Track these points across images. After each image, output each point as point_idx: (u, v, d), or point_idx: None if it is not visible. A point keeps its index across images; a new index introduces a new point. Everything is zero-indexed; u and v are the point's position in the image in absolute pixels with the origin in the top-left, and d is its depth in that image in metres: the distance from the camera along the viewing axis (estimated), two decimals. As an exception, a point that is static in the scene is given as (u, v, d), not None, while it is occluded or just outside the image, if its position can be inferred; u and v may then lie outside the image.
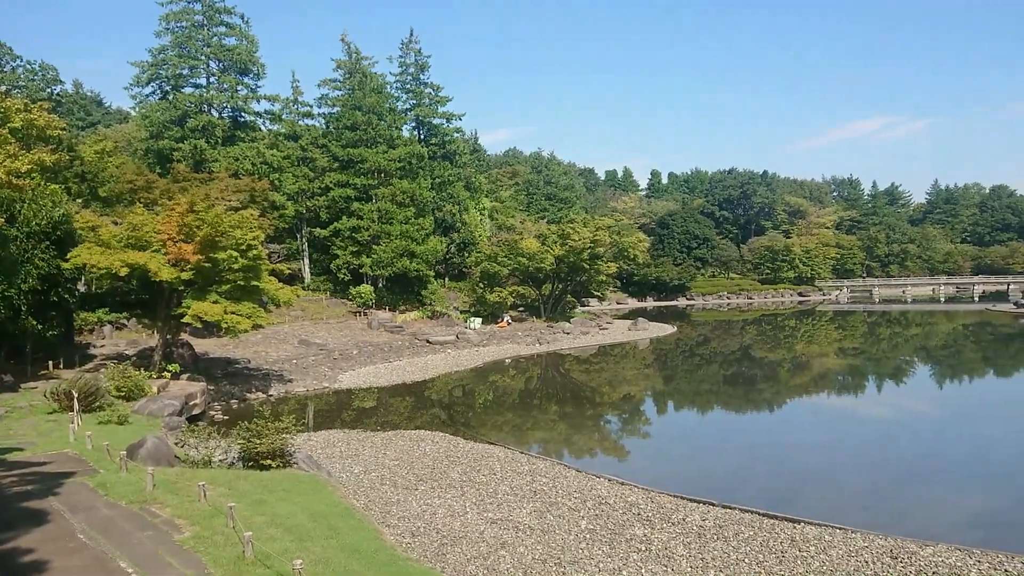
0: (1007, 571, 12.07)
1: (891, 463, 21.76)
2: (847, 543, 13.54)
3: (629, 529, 14.58)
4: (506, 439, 25.24)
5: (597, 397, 35.63)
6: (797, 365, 46.28)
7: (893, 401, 33.62)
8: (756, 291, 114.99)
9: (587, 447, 25.49)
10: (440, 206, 67.79)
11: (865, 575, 12.08)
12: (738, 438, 26.46)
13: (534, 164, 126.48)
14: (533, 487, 17.88)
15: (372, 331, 52.22)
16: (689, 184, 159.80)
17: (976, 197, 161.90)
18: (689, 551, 13.26)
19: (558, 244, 63.35)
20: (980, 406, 32.38)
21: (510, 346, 51.85)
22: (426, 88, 70.74)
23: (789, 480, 19.82)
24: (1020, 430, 26.50)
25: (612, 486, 18.09)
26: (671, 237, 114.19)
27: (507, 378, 41.36)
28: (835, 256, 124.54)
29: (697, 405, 33.86)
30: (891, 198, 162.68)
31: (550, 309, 67.44)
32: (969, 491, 18.39)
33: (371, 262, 57.14)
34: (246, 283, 30.29)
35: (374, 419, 29.09)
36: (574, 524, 14.97)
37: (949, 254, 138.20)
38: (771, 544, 13.53)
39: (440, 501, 16.78)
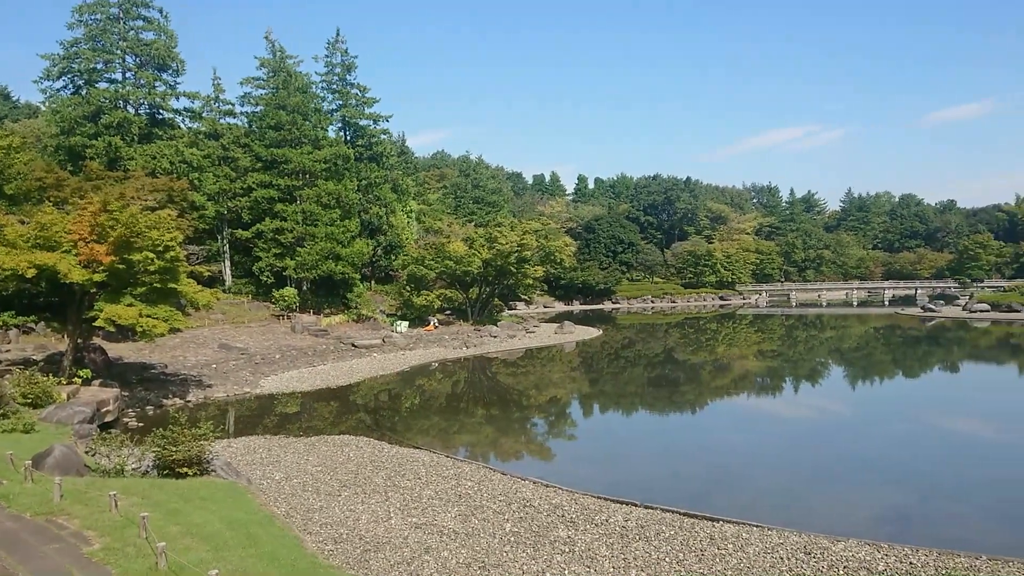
0: (912, 563, 12.57)
1: (806, 461, 22.48)
2: (763, 540, 13.90)
3: (553, 531, 14.64)
4: (432, 443, 25.08)
5: (524, 400, 35.75)
6: (718, 367, 47.40)
7: (808, 402, 34.75)
8: (679, 295, 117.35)
9: (513, 450, 25.54)
10: (366, 208, 67.05)
11: (780, 571, 12.40)
12: (661, 439, 26.92)
13: (462, 167, 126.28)
14: (458, 491, 17.81)
15: (296, 335, 51.24)
16: (615, 189, 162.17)
17: (887, 205, 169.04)
18: (612, 552, 13.40)
19: (485, 247, 63.40)
20: (889, 405, 33.74)
21: (437, 349, 51.61)
22: (353, 89, 69.91)
23: (709, 479, 20.26)
24: (925, 428, 27.70)
25: (537, 488, 18.15)
26: (597, 241, 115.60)
27: (434, 382, 41.14)
28: (755, 261, 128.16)
29: (622, 407, 34.31)
30: (808, 205, 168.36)
31: (477, 312, 67.42)
32: (878, 488, 19.13)
33: (295, 264, 56.07)
34: (163, 285, 29.28)
35: (297, 424, 28.53)
36: (499, 527, 14.96)
37: (862, 260, 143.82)
38: (691, 543, 13.78)
39: (364, 507, 16.55)
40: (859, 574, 12.19)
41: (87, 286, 28.26)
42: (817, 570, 12.39)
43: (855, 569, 12.37)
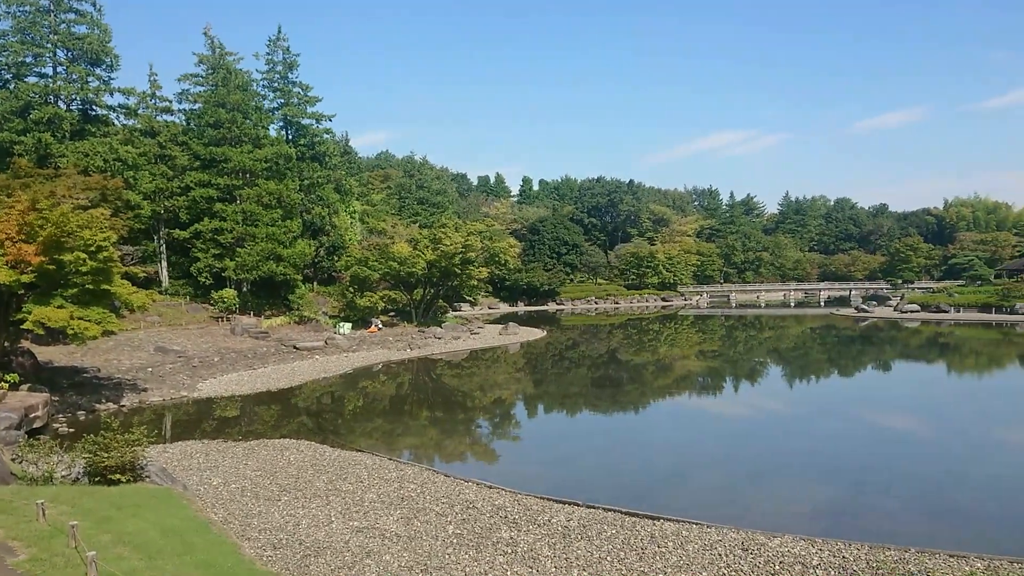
0: (845, 557, 12.91)
1: (744, 459, 22.92)
2: (703, 537, 14.13)
3: (496, 532, 14.64)
4: (375, 446, 24.86)
5: (468, 401, 35.70)
6: (660, 367, 48.05)
7: (747, 400, 35.45)
8: (622, 296, 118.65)
9: (457, 451, 25.48)
10: (309, 208, 66.15)
11: (719, 567, 12.62)
12: (604, 439, 27.14)
13: (406, 168, 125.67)
14: (401, 493, 17.68)
15: (235, 337, 50.25)
16: (559, 191, 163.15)
17: (822, 209, 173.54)
18: (554, 552, 13.46)
19: (430, 249, 63.14)
20: (824, 403, 34.65)
21: (381, 351, 51.19)
22: (294, 87, 68.93)
23: (651, 478, 20.51)
24: (857, 424, 28.49)
25: (480, 490, 18.14)
26: (542, 243, 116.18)
27: (377, 384, 40.80)
28: (696, 263, 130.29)
29: (566, 407, 34.50)
30: (747, 208, 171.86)
31: (422, 314, 67.09)
32: (812, 483, 19.61)
33: (235, 265, 54.98)
34: (95, 287, 28.40)
35: (236, 428, 27.97)
36: (441, 529, 14.89)
37: (799, 261, 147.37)
38: (632, 541, 13.93)
39: (304, 511, 16.31)
40: (794, 569, 12.46)
41: (14, 287, 27.26)
42: (754, 566, 12.64)
43: (791, 564, 12.65)
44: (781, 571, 12.39)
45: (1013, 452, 23.52)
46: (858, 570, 12.27)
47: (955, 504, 17.60)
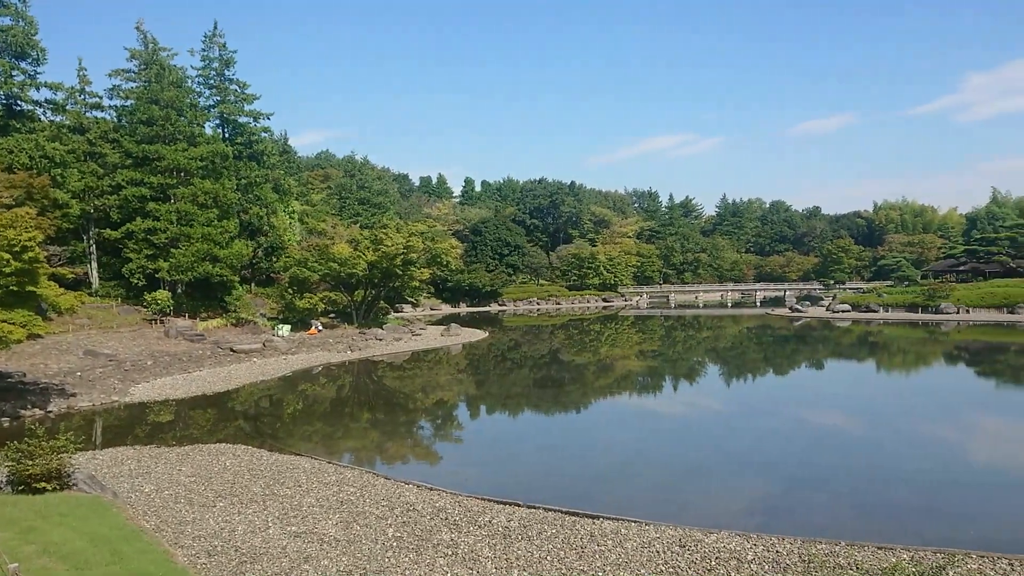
0: (778, 552, 13.21)
1: (682, 457, 23.29)
2: (641, 535, 14.30)
3: (437, 534, 14.58)
4: (315, 449, 24.51)
5: (410, 403, 35.47)
6: (601, 367, 48.50)
7: (686, 399, 36.02)
8: (564, 297, 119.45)
9: (399, 454, 25.28)
10: (246, 208, 64.90)
11: (657, 564, 12.78)
12: (546, 438, 27.27)
13: (347, 168, 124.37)
14: (340, 497, 17.46)
15: (170, 340, 48.99)
16: (501, 192, 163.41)
17: (758, 211, 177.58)
18: (495, 552, 13.46)
19: (371, 249, 62.56)
20: (759, 401, 35.43)
21: (321, 353, 50.51)
22: (231, 84, 67.59)
23: (591, 477, 20.66)
24: (791, 421, 29.20)
25: (421, 492, 18.03)
26: (484, 244, 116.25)
27: (317, 386, 40.25)
28: (636, 264, 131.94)
29: (508, 408, 34.56)
30: (686, 210, 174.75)
31: (363, 315, 66.44)
32: (748, 480, 20.02)
33: (169, 266, 53.60)
34: (20, 288, 27.37)
35: (170, 434, 27.25)
36: (381, 533, 14.76)
37: (735, 263, 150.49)
38: (572, 540, 14.02)
39: (240, 517, 15.97)
40: (730, 564, 12.70)
41: (-68, 289, 26.11)
42: (691, 561, 12.84)
43: (726, 559, 12.89)
44: (717, 567, 12.61)
45: (936, 447, 24.41)
46: (791, 564, 12.57)
47: (883, 498, 18.17)
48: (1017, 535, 14.97)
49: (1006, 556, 12.82)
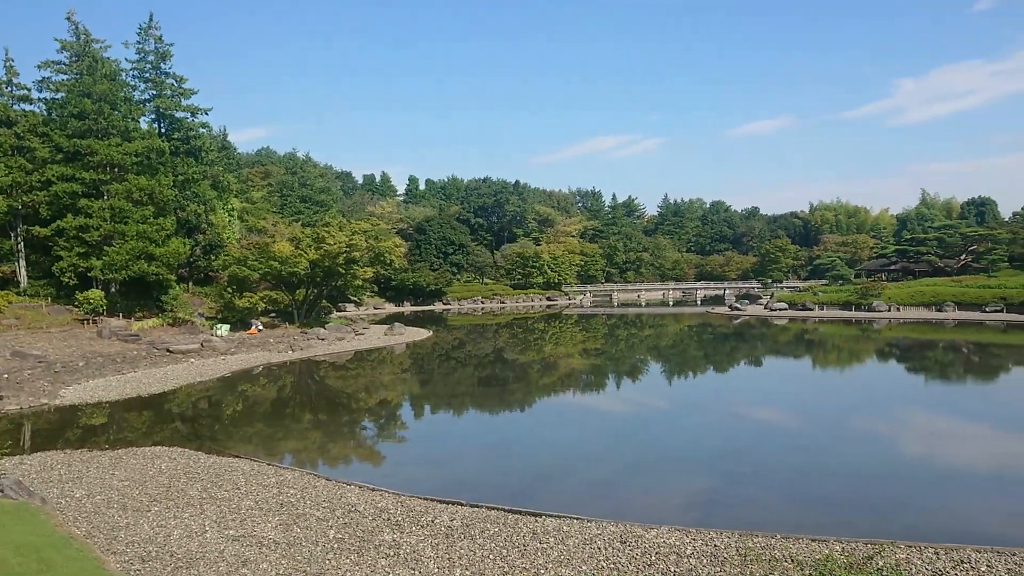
0: (716, 546, 13.46)
1: (624, 453, 23.54)
2: (583, 531, 14.41)
3: (379, 535, 14.46)
4: (254, 451, 24.08)
5: (353, 403, 35.11)
6: (545, 366, 48.74)
7: (628, 396, 36.46)
8: (509, 296, 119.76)
9: (341, 454, 25.00)
10: (183, 206, 63.37)
11: (598, 560, 12.90)
12: (490, 437, 27.29)
13: (288, 165, 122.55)
14: (280, 499, 17.19)
15: (103, 340, 47.59)
16: (446, 191, 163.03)
17: (699, 211, 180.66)
18: (437, 552, 13.41)
19: (313, 248, 61.75)
20: (700, 398, 36.02)
21: (261, 353, 49.65)
22: (168, 78, 65.87)
23: (535, 475, 20.76)
24: (731, 418, 29.77)
25: (363, 492, 17.87)
26: (428, 243, 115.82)
27: (257, 387, 39.55)
28: (580, 263, 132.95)
29: (452, 407, 34.47)
30: (628, 210, 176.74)
31: (304, 315, 65.54)
32: (687, 475, 20.37)
33: (102, 265, 52.03)
34: (-58, 287, 26.28)
35: (104, 437, 26.46)
36: (322, 534, 14.58)
37: (677, 262, 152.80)
38: (515, 539, 14.05)
39: (176, 521, 15.60)
40: (669, 559, 12.89)
41: None
42: (632, 557, 13.00)
43: (666, 554, 13.08)
44: (657, 561, 12.78)
45: (868, 441, 25.15)
46: (728, 557, 12.82)
47: (818, 491, 18.66)
48: (943, 525, 15.54)
49: (932, 545, 13.28)
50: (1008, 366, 45.15)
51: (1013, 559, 12.55)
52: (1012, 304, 73.76)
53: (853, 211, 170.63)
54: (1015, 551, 12.97)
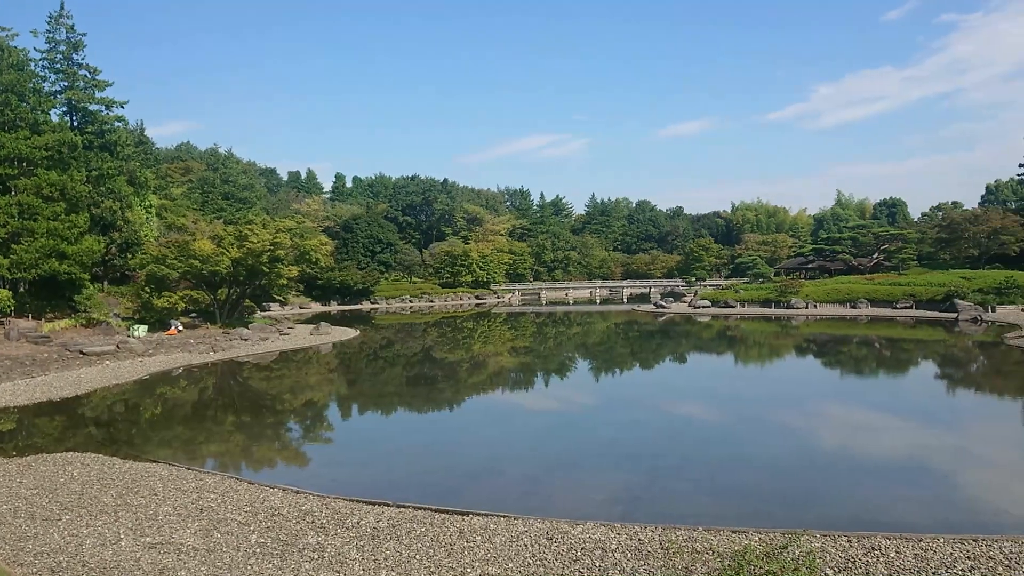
0: (640, 540, 13.68)
1: (551, 450, 23.72)
2: (509, 529, 14.46)
3: (302, 538, 14.22)
4: (174, 456, 23.35)
5: (278, 405, 34.41)
6: (474, 364, 48.74)
7: (555, 393, 36.75)
8: (437, 294, 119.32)
9: (265, 457, 24.49)
10: (98, 202, 60.99)
11: (524, 557, 12.97)
12: (417, 436, 27.14)
13: (210, 161, 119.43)
14: (200, 504, 16.73)
15: (10, 343, 45.44)
16: (373, 189, 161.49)
17: (625, 210, 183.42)
18: (362, 554, 13.27)
19: (235, 246, 60.27)
20: (625, 394, 36.60)
21: (181, 355, 48.21)
22: (80, 70, 63.36)
23: (462, 474, 20.74)
24: (655, 413, 30.33)
25: (287, 495, 17.54)
26: (355, 241, 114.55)
27: (177, 389, 38.39)
28: (508, 261, 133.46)
29: (380, 407, 34.17)
30: (557, 209, 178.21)
31: (227, 315, 63.92)
32: (612, 471, 20.65)
33: (9, 263, 49.63)
34: None
35: (11, 444, 25.25)
36: (244, 539, 14.25)
37: (604, 260, 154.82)
38: (441, 538, 14.01)
39: (89, 530, 15.02)
40: (595, 554, 13.04)
41: None
42: (558, 553, 13.10)
43: (591, 549, 13.23)
44: (583, 557, 12.92)
45: (788, 433, 25.96)
46: (651, 551, 13.05)
47: (739, 483, 19.16)
48: (856, 514, 16.13)
49: (845, 534, 13.79)
50: (917, 360, 47.23)
51: (920, 544, 13.12)
52: (920, 301, 77.22)
53: (773, 211, 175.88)
54: (921, 537, 13.56)
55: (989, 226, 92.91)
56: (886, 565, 12.27)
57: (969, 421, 28.17)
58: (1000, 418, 29.11)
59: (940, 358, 47.50)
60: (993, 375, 40.22)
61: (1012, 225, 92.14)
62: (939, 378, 39.63)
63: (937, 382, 38.28)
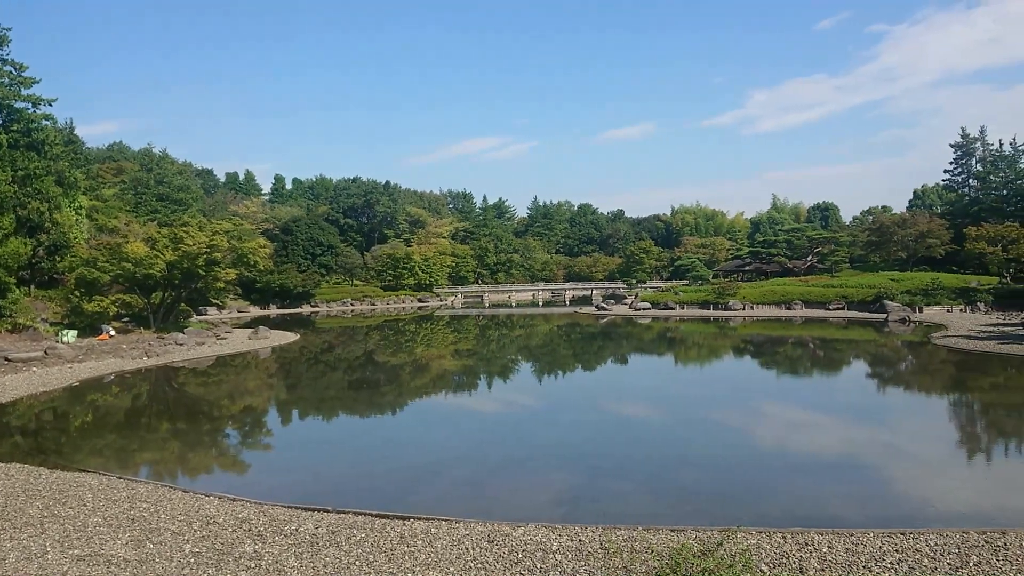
0: (581, 540, 13.77)
1: (494, 453, 23.74)
2: (451, 533, 14.40)
3: (239, 547, 13.92)
4: (105, 465, 22.62)
5: (215, 411, 33.66)
6: (417, 367, 48.46)
7: (498, 396, 36.77)
8: (379, 297, 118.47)
9: (202, 465, 23.90)
10: (24, 203, 58.74)
11: (466, 561, 12.93)
12: (359, 441, 26.87)
13: (143, 161, 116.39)
14: (132, 514, 16.24)
15: (-70, 350, 43.48)
16: (314, 191, 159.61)
17: (567, 213, 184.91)
18: (301, 562, 13.05)
19: (170, 249, 58.79)
20: (568, 395, 36.84)
21: (113, 360, 46.80)
22: (5, 65, 60.99)
23: (403, 478, 20.58)
24: (597, 414, 30.58)
25: (223, 503, 17.15)
26: (296, 244, 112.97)
27: (109, 396, 37.23)
28: (451, 264, 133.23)
29: (321, 412, 33.70)
30: (499, 212, 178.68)
31: (161, 319, 62.29)
32: (555, 472, 20.75)
33: (-72, 267, 47.58)
34: None
35: (-72, 455, 24.14)
36: (177, 549, 13.88)
37: (546, 263, 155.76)
38: (382, 544, 13.87)
39: (12, 543, 14.44)
40: (536, 555, 13.07)
41: None
42: (499, 556, 13.10)
43: (532, 551, 13.26)
44: (524, 559, 12.94)
45: (725, 432, 26.46)
46: (592, 551, 13.14)
47: (678, 482, 19.46)
48: (791, 511, 16.53)
49: (780, 530, 14.11)
50: (848, 360, 48.64)
51: (851, 539, 13.49)
52: (852, 302, 79.66)
53: (711, 214, 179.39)
54: (852, 531, 13.95)
55: (916, 229, 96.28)
56: (819, 560, 12.59)
57: (898, 418, 29.12)
58: (926, 415, 30.18)
59: (870, 358, 49.01)
60: (920, 374, 41.66)
61: (938, 229, 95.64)
62: (870, 377, 40.88)
63: (868, 381, 39.48)
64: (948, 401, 33.41)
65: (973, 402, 32.83)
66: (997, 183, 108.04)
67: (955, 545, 13.03)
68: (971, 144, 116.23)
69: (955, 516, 15.86)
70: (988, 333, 52.48)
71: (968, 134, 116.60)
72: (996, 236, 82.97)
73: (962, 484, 19.29)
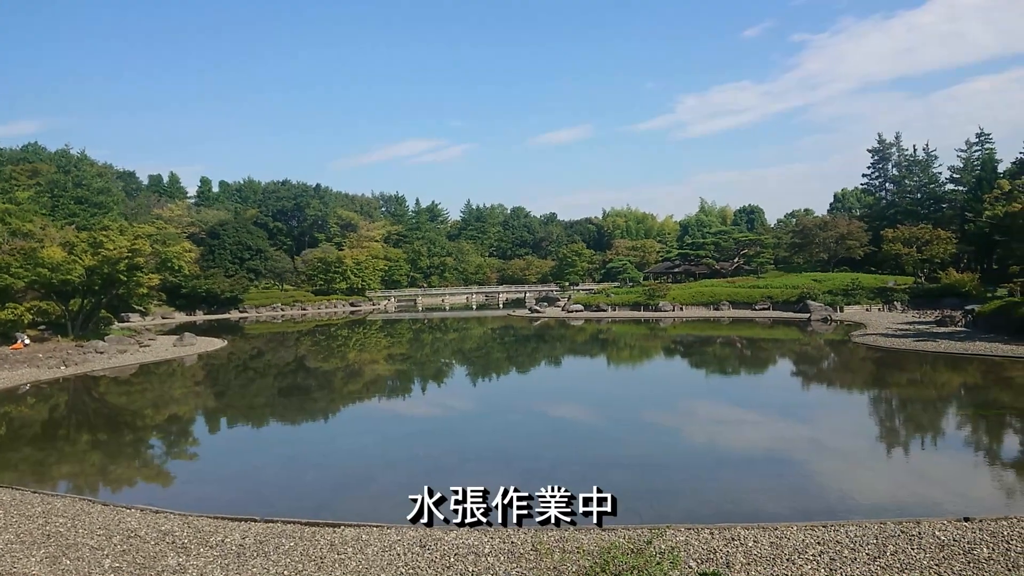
0: (513, 542, 13.83)
1: (426, 457, 23.59)
2: (382, 539, 14.27)
3: (162, 560, 13.51)
4: (19, 479, 21.67)
5: (139, 421, 32.60)
6: (349, 373, 47.86)
7: (432, 400, 36.58)
8: (310, 302, 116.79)
9: (124, 477, 23.12)
10: (-70, 206, 55.99)
11: (397, 567, 12.83)
12: (288, 448, 26.36)
13: (61, 163, 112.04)
14: (47, 530, 15.60)
15: None
16: (242, 194, 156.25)
17: (501, 217, 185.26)
18: (227, 573, 12.75)
19: (89, 253, 56.75)
20: (502, 398, 36.93)
21: (27, 370, 44.89)
22: (-92, 62, 58.06)
23: (334, 485, 20.32)
24: (530, 416, 30.73)
25: (145, 516, 16.62)
26: (223, 248, 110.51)
27: (24, 407, 35.70)
28: (384, 268, 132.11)
29: (250, 420, 32.99)
30: (432, 215, 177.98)
31: (80, 326, 60.06)
32: (488, 475, 20.75)
33: None
34: None
35: None
36: (96, 565, 13.39)
37: (480, 266, 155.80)
38: (312, 552, 13.66)
39: (-84, 565, 13.72)
40: (468, 559, 13.06)
41: None
42: (431, 560, 13.05)
43: (464, 555, 13.25)
44: (456, 562, 12.91)
45: (655, 431, 26.89)
46: (524, 553, 13.20)
47: (609, 482, 19.58)
48: (719, 507, 16.89)
49: (707, 526, 14.41)
50: (774, 358, 50.01)
51: (775, 533, 13.87)
52: (777, 302, 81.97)
53: (642, 217, 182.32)
54: (776, 525, 14.35)
55: (837, 232, 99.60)
56: (744, 554, 12.90)
57: (820, 414, 30.06)
58: (847, 411, 31.23)
59: (795, 356, 50.48)
60: (841, 371, 43.10)
61: (857, 231, 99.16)
62: (794, 375, 42.12)
63: (792, 379, 40.67)
64: (867, 397, 34.65)
65: (891, 397, 34.11)
66: (912, 187, 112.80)
67: (873, 536, 13.52)
68: (887, 149, 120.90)
69: (873, 508, 16.45)
70: (904, 331, 54.65)
71: (885, 140, 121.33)
72: (911, 237, 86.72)
73: (880, 476, 20.03)
